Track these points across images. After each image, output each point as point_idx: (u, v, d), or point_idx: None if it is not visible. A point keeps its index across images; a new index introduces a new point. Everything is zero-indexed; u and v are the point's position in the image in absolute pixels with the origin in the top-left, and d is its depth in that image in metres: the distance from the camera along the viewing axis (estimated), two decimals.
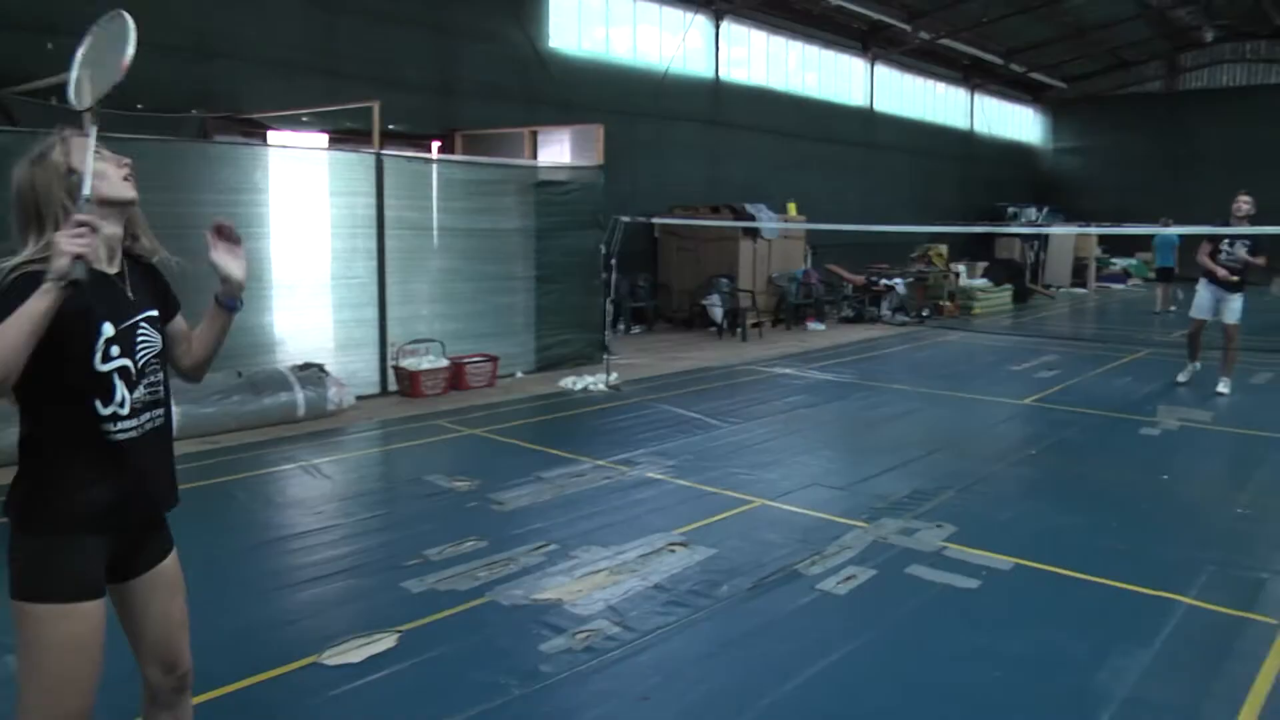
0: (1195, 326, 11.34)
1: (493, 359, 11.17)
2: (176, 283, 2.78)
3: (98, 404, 2.45)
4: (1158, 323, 19.03)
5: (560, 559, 5.48)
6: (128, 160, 2.59)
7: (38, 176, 2.44)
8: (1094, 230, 24.31)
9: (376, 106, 10.68)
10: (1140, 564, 5.50)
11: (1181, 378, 11.57)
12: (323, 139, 13.01)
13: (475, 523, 6.15)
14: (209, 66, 12.49)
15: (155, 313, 2.63)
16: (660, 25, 19.66)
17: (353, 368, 10.17)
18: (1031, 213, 30.25)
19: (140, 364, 2.55)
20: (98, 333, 2.43)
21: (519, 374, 11.73)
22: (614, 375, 11.19)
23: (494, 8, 16.16)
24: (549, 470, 7.42)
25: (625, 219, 11.54)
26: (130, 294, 2.55)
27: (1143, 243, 27.69)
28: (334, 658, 4.25)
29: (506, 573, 5.26)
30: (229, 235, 2.73)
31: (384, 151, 10.54)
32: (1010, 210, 29.90)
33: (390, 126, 12.69)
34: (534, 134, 14.07)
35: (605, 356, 11.76)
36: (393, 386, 10.51)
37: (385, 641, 4.40)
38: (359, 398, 9.92)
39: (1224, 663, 4.32)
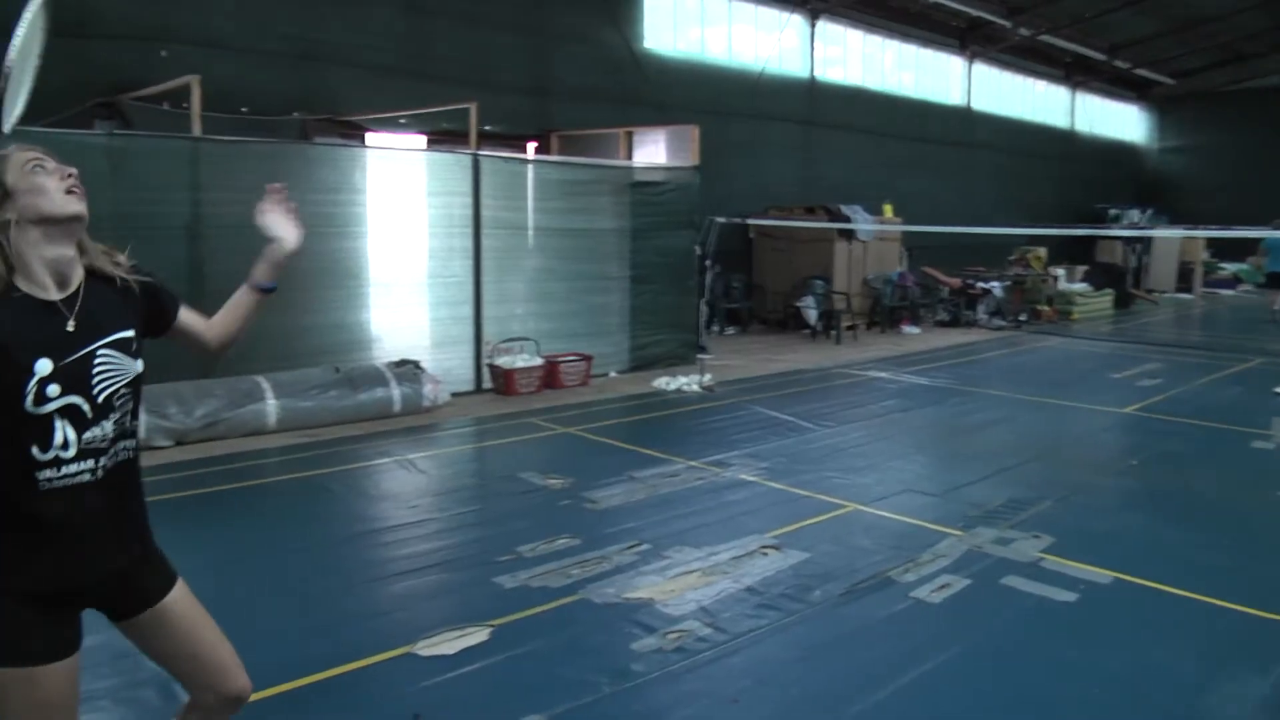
0: None
1: (587, 358, 11.23)
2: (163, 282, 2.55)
3: (34, 450, 2.17)
4: (1273, 330, 18.30)
5: (653, 558, 5.49)
6: (72, 170, 2.30)
7: None
8: (1201, 233, 23.39)
9: (473, 108, 10.82)
10: (1253, 584, 5.27)
11: None
12: (420, 140, 13.22)
13: (568, 520, 6.19)
14: (310, 71, 12.81)
15: (128, 334, 2.35)
16: (755, 25, 19.57)
17: (448, 365, 10.32)
18: (1134, 215, 29.32)
19: (100, 397, 2.26)
20: (29, 372, 2.14)
21: (613, 373, 11.78)
22: (708, 376, 11.16)
23: (589, 9, 16.26)
24: (642, 470, 7.43)
25: (720, 219, 11.52)
26: (83, 320, 2.26)
27: (1254, 247, 26.64)
28: (427, 649, 4.31)
29: (599, 571, 5.29)
30: (283, 200, 2.67)
31: (481, 152, 10.67)
32: (1112, 212, 29.03)
33: (487, 128, 12.83)
34: (629, 134, 14.10)
35: (699, 357, 11.74)
36: (487, 384, 10.63)
37: (478, 635, 4.45)
38: (454, 395, 10.07)
39: None
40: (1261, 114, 31.95)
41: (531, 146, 14.65)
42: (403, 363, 9.61)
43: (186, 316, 2.58)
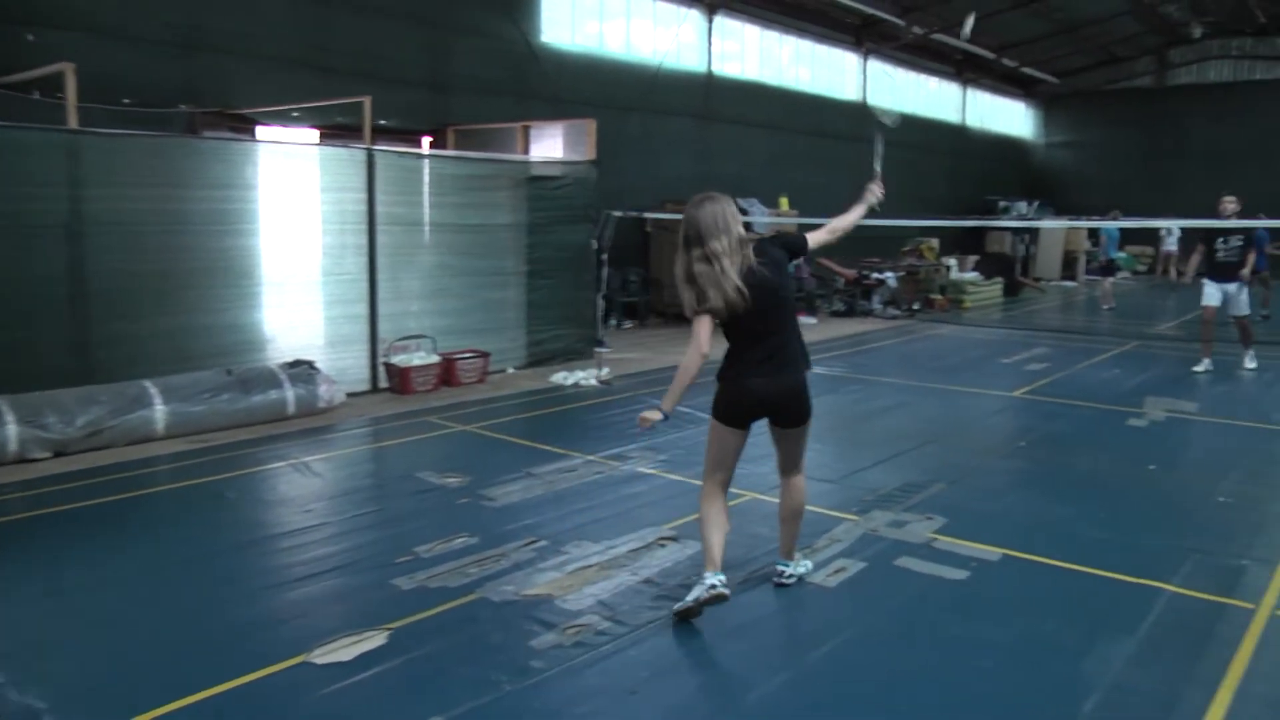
0: (1208, 314, 11.84)
1: (484, 355, 11.16)
2: None
3: None
4: (1110, 318, 19.20)
5: (551, 554, 5.50)
6: None
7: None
8: (1083, 224, 24.29)
9: (368, 102, 10.66)
10: (1126, 553, 5.56)
11: (1198, 369, 11.91)
12: (313, 134, 12.97)
13: (466, 519, 6.16)
14: (197, 61, 12.39)
15: None
16: (654, 20, 19.62)
17: (343, 364, 10.15)
18: (1022, 206, 30.23)
19: None
20: None
21: (510, 369, 11.73)
22: (605, 370, 11.20)
23: (487, 2, 16.12)
24: (540, 466, 7.43)
25: (617, 214, 11.55)
26: None
27: (1132, 236, 27.73)
28: (324, 656, 4.26)
29: (497, 569, 5.28)
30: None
31: (375, 147, 10.51)
32: (1001, 204, 29.88)
33: (382, 122, 12.66)
34: (526, 129, 14.05)
35: (597, 351, 11.77)
36: (383, 383, 10.49)
37: (375, 639, 4.41)
38: (349, 395, 9.92)
39: (1204, 647, 4.41)
40: (1134, 113, 33.54)
41: (427, 141, 14.49)
42: (296, 363, 9.43)
43: None
